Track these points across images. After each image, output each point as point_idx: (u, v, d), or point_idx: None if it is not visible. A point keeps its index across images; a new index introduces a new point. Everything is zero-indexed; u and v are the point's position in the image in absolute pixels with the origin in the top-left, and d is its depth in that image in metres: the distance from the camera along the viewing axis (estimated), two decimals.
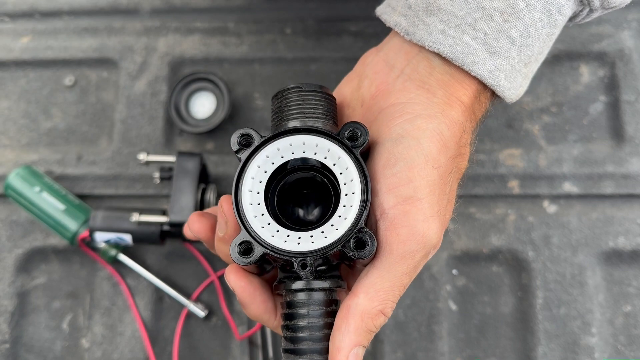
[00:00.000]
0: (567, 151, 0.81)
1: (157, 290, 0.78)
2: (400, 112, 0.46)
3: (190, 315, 0.77)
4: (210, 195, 0.76)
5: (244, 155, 0.45)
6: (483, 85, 0.47)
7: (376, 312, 0.44)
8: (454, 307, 0.77)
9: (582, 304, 0.76)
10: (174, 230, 0.74)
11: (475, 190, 0.80)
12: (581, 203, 0.80)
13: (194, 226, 0.49)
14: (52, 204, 0.77)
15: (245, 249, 0.43)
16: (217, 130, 0.82)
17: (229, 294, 0.78)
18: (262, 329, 0.76)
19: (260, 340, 0.76)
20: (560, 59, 0.85)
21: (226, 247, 0.46)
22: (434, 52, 0.46)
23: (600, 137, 0.82)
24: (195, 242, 0.79)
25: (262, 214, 0.44)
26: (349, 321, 0.44)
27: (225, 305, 0.77)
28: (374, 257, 0.45)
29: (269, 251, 0.42)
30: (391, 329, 0.76)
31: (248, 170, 0.45)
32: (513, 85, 0.47)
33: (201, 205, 0.75)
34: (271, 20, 0.89)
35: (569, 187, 0.80)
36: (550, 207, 0.80)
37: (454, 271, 0.78)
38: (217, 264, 0.79)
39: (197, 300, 0.78)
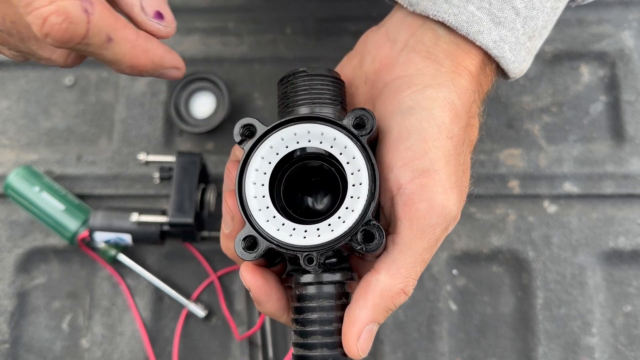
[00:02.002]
0: (567, 151, 0.81)
1: (157, 290, 0.78)
2: (407, 84, 0.45)
3: (190, 315, 0.77)
4: (210, 196, 0.75)
5: (247, 147, 0.43)
6: (488, 57, 0.46)
7: (397, 290, 0.43)
8: (454, 307, 0.77)
9: (582, 304, 0.76)
10: (174, 230, 0.74)
11: (476, 190, 0.80)
12: (581, 203, 0.80)
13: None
14: (51, 204, 0.77)
15: (250, 243, 0.42)
16: (217, 130, 0.82)
17: (229, 294, 0.78)
18: (262, 329, 0.76)
19: (260, 340, 0.76)
20: (560, 59, 0.85)
21: (232, 244, 0.45)
22: (438, 23, 0.46)
23: (601, 137, 0.82)
24: (195, 242, 0.79)
25: (267, 207, 0.42)
26: (368, 297, 0.42)
27: (225, 305, 0.77)
28: (384, 249, 0.43)
29: (274, 246, 0.41)
30: (391, 329, 0.76)
31: (251, 162, 0.43)
32: (517, 59, 0.47)
33: (201, 205, 0.75)
34: (271, 20, 0.89)
35: (569, 187, 0.80)
36: (551, 207, 0.80)
37: (454, 271, 0.78)
38: (217, 264, 0.79)
39: (197, 300, 0.78)
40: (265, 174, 0.43)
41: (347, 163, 0.42)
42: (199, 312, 0.76)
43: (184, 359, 0.76)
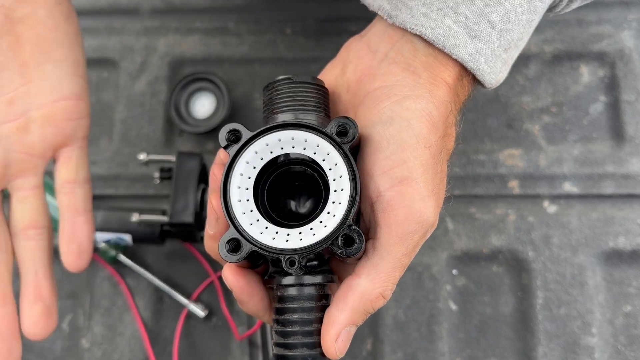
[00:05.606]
0: (567, 151, 0.81)
1: (157, 290, 0.78)
2: (387, 95, 0.46)
3: (190, 315, 0.77)
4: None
5: (232, 151, 0.44)
6: (464, 69, 0.47)
7: (377, 294, 0.44)
8: (454, 307, 0.77)
9: (582, 304, 0.76)
10: (174, 230, 0.74)
11: (475, 190, 0.80)
12: (581, 203, 0.80)
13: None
14: (52, 204, 0.77)
15: (234, 246, 0.43)
16: (217, 130, 0.82)
17: (229, 294, 0.78)
18: (262, 329, 0.76)
19: (260, 340, 0.76)
20: (560, 59, 0.85)
21: (216, 245, 0.46)
22: (416, 35, 0.47)
23: (600, 137, 0.82)
24: (195, 242, 0.79)
25: (251, 211, 0.44)
26: (348, 300, 0.44)
27: (225, 305, 0.77)
28: (364, 253, 0.45)
29: (257, 248, 0.42)
30: (391, 329, 0.76)
31: (236, 166, 0.44)
32: (493, 70, 0.48)
33: (201, 205, 0.75)
34: (271, 20, 0.89)
35: (569, 187, 0.80)
36: (550, 207, 0.80)
37: (454, 271, 0.78)
38: (217, 264, 0.79)
39: (197, 300, 0.78)
40: (249, 178, 0.45)
41: (330, 169, 0.44)
42: (199, 312, 0.76)
43: (184, 359, 0.76)
